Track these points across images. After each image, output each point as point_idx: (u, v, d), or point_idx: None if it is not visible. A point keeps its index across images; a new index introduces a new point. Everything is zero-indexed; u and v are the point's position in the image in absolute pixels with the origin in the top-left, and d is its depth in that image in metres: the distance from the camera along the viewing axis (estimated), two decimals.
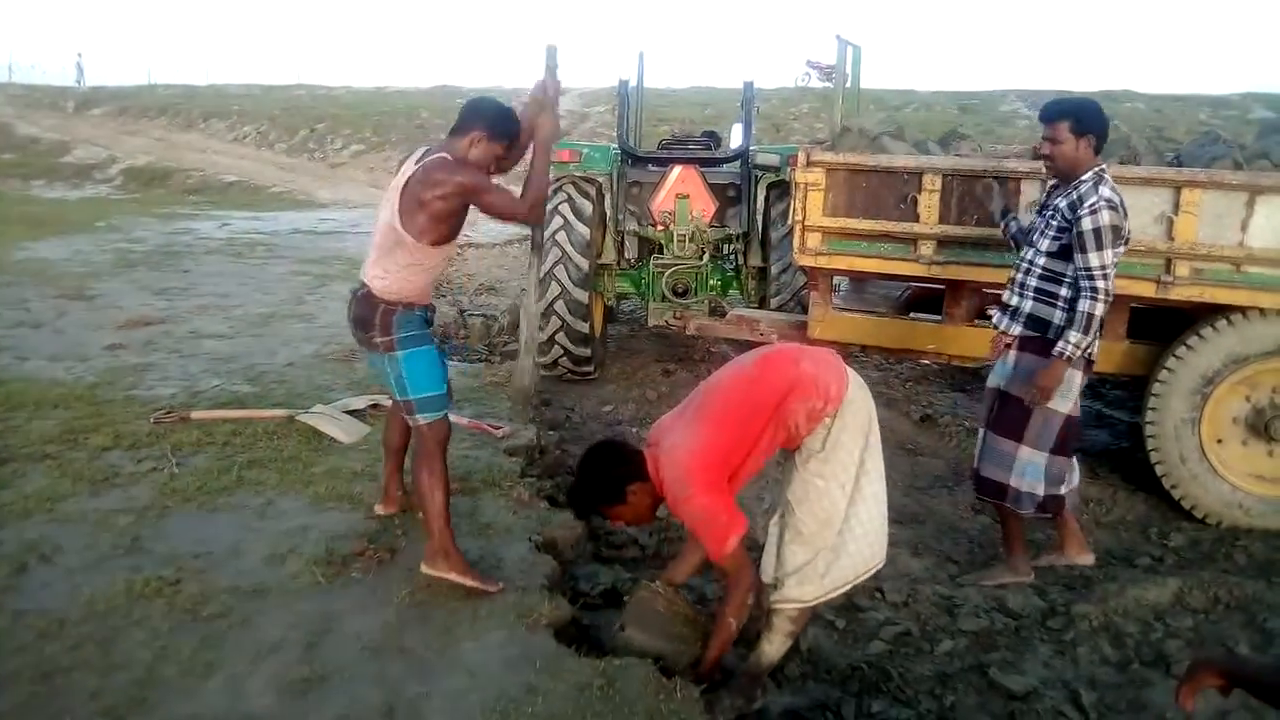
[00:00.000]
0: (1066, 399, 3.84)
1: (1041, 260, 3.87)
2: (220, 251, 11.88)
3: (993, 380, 4.08)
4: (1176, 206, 4.48)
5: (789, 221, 5.64)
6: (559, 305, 6.47)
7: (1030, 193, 4.72)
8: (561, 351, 6.66)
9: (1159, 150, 5.74)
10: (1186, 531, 4.66)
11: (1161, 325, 4.94)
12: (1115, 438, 6.02)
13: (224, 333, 7.30)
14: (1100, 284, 3.65)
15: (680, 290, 6.81)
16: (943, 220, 4.89)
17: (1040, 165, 4.84)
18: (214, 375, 6.02)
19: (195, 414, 5.07)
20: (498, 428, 5.08)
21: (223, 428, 4.92)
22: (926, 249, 4.97)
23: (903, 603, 3.86)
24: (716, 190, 7.04)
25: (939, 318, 5.46)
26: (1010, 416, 3.94)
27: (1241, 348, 4.59)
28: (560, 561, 3.80)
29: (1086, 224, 3.64)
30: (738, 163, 7.20)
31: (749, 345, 4.82)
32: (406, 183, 3.29)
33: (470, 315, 8.98)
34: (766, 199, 6.86)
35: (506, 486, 4.36)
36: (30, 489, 4.12)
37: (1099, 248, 3.63)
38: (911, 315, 5.88)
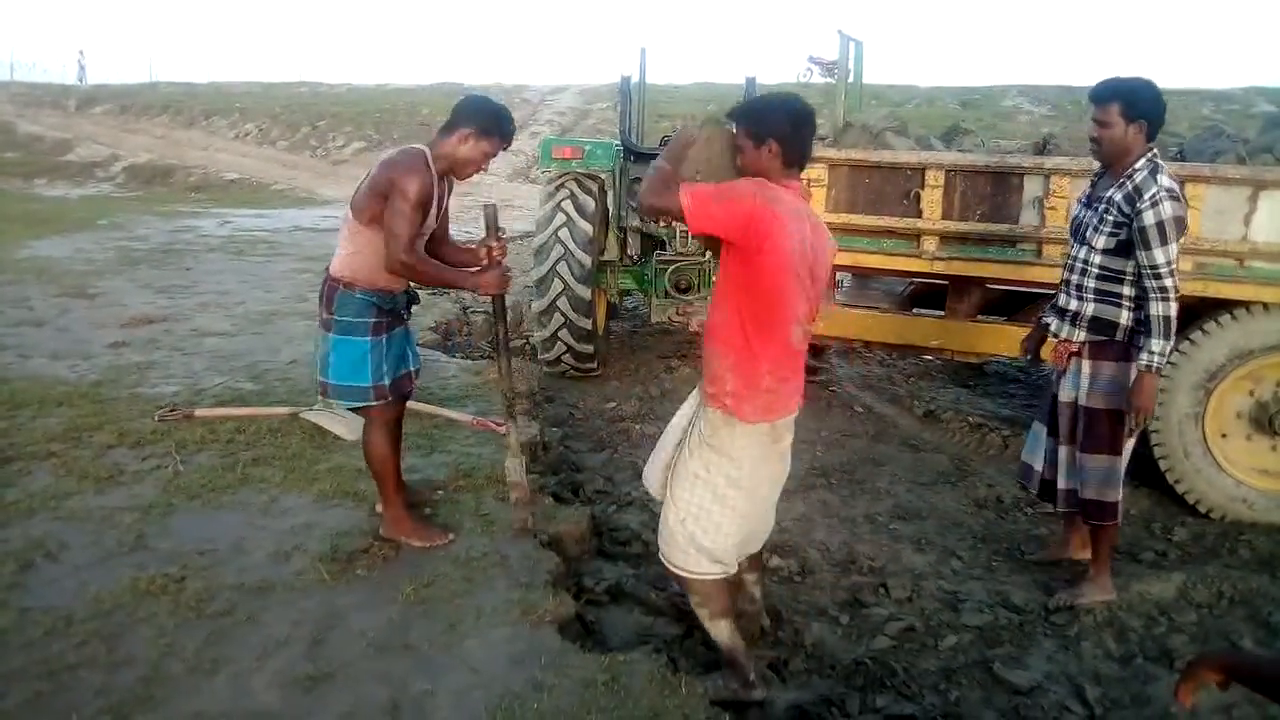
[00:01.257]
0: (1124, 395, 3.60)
1: (1098, 258, 3.57)
2: (222, 249, 11.88)
3: (1066, 394, 3.77)
4: None
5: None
6: (562, 302, 6.47)
7: (1033, 188, 4.71)
8: (565, 348, 6.67)
9: (1162, 144, 5.74)
10: (1190, 526, 4.66)
11: None
12: None
13: (227, 330, 7.31)
14: (1169, 281, 3.39)
15: (683, 286, 6.81)
16: (946, 216, 4.89)
17: (1042, 161, 4.84)
18: (217, 373, 6.02)
19: (199, 412, 5.07)
20: (501, 425, 5.08)
21: (226, 425, 4.92)
22: (929, 244, 4.97)
23: (907, 598, 3.87)
24: None
25: (942, 313, 5.46)
26: (1101, 433, 3.69)
27: (1245, 342, 4.59)
28: (564, 558, 3.81)
29: (1149, 217, 3.35)
30: None
31: None
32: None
33: (473, 313, 8.99)
34: None
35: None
36: (35, 487, 4.13)
37: (1164, 242, 3.35)
38: (914, 311, 5.88)
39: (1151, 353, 3.44)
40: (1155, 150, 3.50)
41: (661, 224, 6.99)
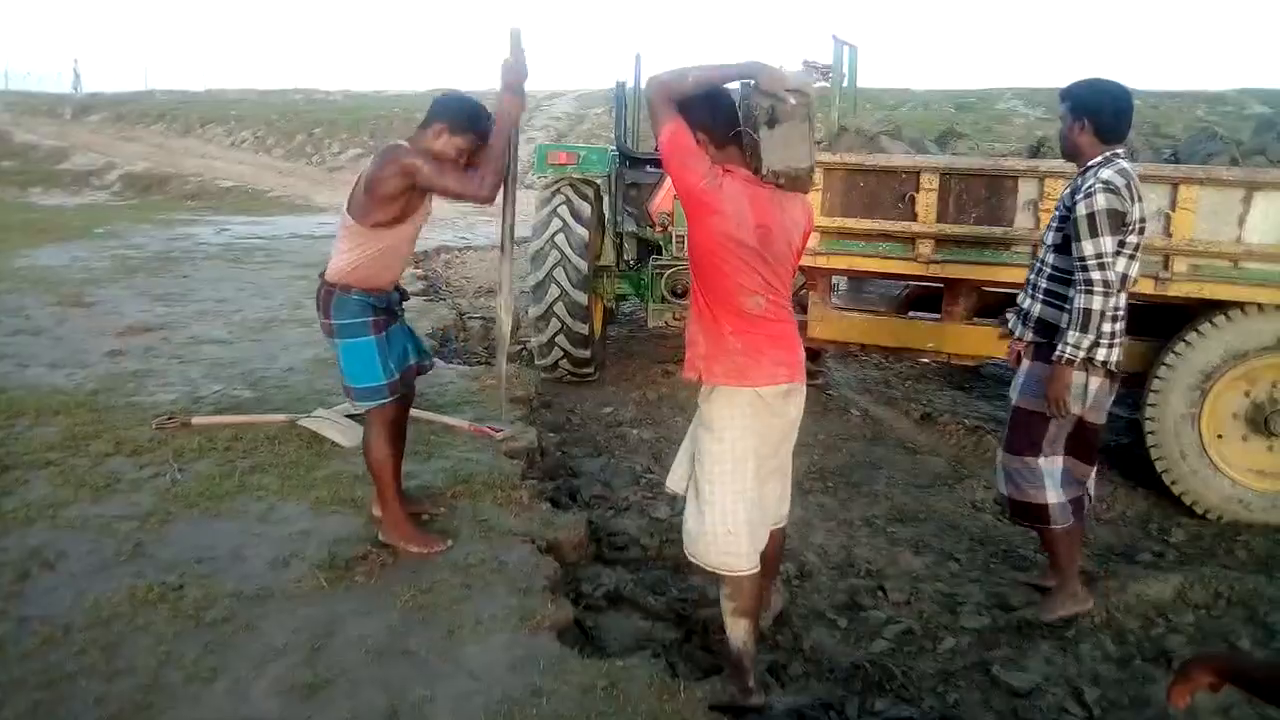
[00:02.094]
0: (1078, 402, 3.50)
1: (1050, 258, 3.55)
2: (219, 257, 11.88)
3: (1011, 394, 3.77)
4: (1174, 203, 4.49)
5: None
6: (558, 307, 6.47)
7: (1028, 191, 4.73)
8: (561, 354, 6.67)
9: (1156, 147, 5.76)
10: (1187, 527, 4.68)
11: (1160, 321, 4.95)
12: (1115, 434, 6.01)
13: (224, 338, 7.31)
14: (1096, 275, 3.30)
15: (679, 291, 6.82)
16: (941, 219, 4.90)
17: (1037, 164, 4.86)
18: (214, 381, 6.02)
19: (196, 420, 5.07)
20: (498, 430, 5.09)
21: (224, 433, 4.92)
22: (925, 248, 4.98)
23: (905, 601, 3.87)
24: None
25: (938, 316, 5.47)
26: (1020, 434, 3.65)
27: (1240, 343, 4.60)
28: (563, 563, 3.81)
29: (1080, 209, 3.32)
30: None
31: None
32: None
33: (469, 318, 9.00)
34: None
35: (508, 489, 4.36)
36: (32, 496, 4.13)
37: (1094, 234, 3.29)
38: (910, 314, 5.89)
39: (1066, 343, 3.38)
40: (1119, 151, 3.43)
41: (657, 229, 7.00)
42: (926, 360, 6.86)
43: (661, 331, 7.49)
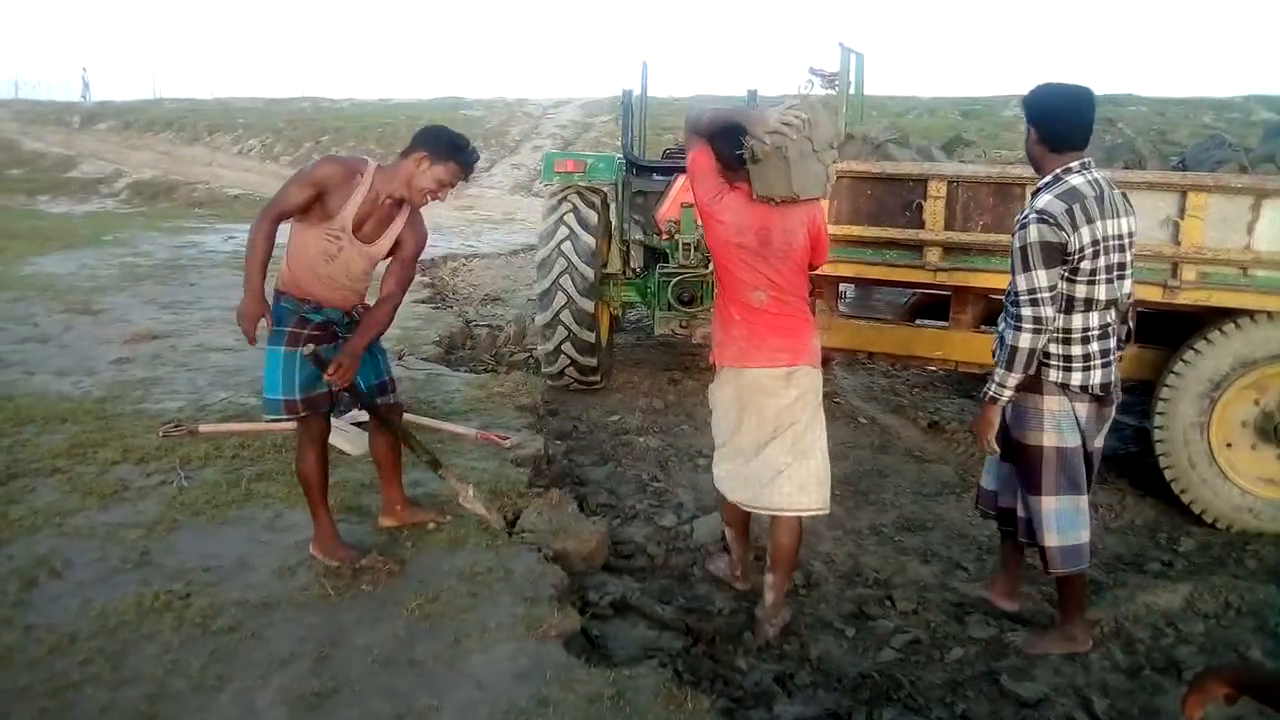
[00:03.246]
0: (1051, 432, 3.32)
1: (1011, 281, 3.36)
2: (226, 265, 11.91)
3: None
4: (1182, 210, 4.47)
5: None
6: (565, 315, 6.47)
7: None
8: (568, 361, 6.67)
9: (1164, 154, 5.75)
10: (1196, 536, 4.65)
11: (1169, 330, 4.93)
12: (1123, 442, 6.00)
13: (231, 346, 7.31)
14: (1026, 311, 3.13)
15: (686, 299, 6.81)
16: (948, 226, 4.89)
17: None
18: (221, 388, 6.03)
19: (203, 427, 5.08)
20: (505, 438, 5.09)
21: (230, 441, 4.93)
22: (932, 255, 4.97)
23: (912, 610, 3.85)
24: None
25: (945, 324, 5.46)
26: (1023, 470, 3.45)
27: (1249, 351, 4.58)
28: (569, 572, 3.80)
29: (1014, 241, 3.18)
30: None
31: None
32: None
33: (476, 326, 9.01)
34: None
35: (515, 496, 4.36)
36: (40, 503, 4.13)
37: (1025, 268, 3.12)
38: (917, 321, 5.88)
39: (991, 381, 3.26)
40: (1072, 165, 3.19)
41: (664, 237, 7.00)
42: (934, 368, 6.86)
43: (668, 339, 7.48)
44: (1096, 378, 3.27)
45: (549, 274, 6.48)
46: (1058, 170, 3.20)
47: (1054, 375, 3.26)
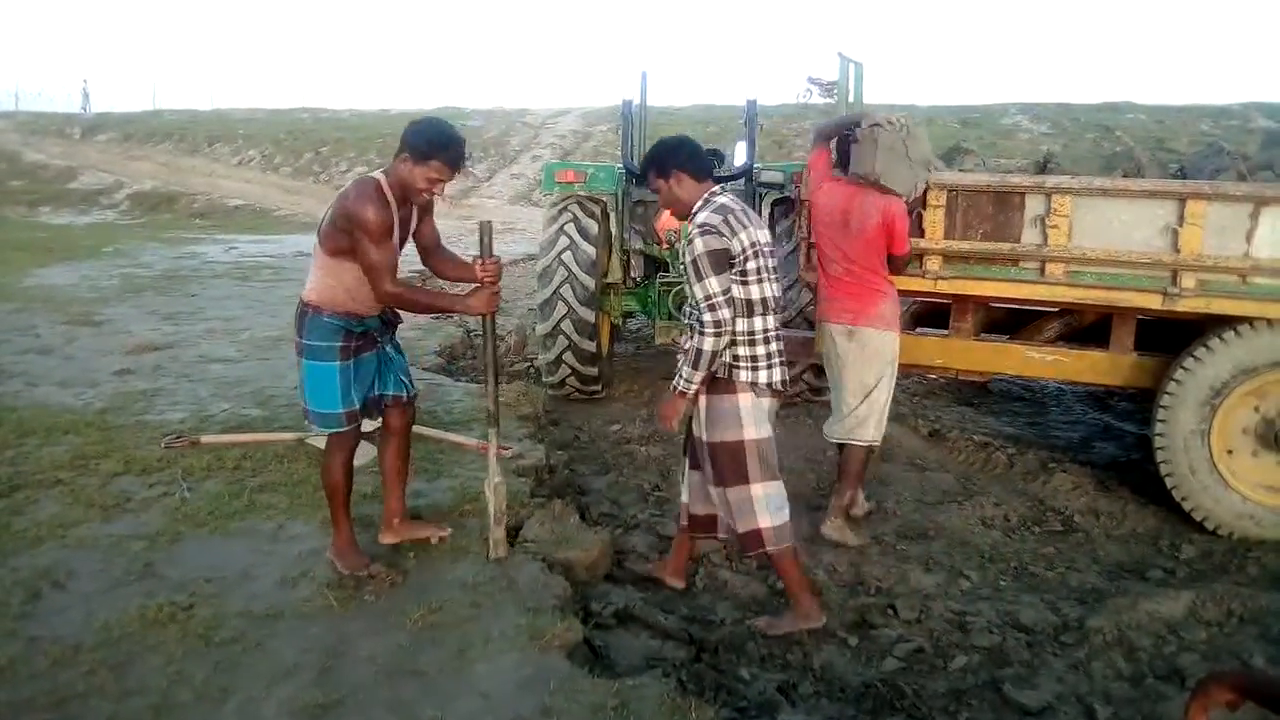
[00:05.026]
0: (750, 427, 3.59)
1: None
2: (227, 275, 11.94)
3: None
4: (1181, 218, 4.48)
5: (794, 239, 5.66)
6: (566, 325, 6.48)
7: (1035, 207, 4.73)
8: (569, 371, 6.68)
9: (1163, 162, 5.77)
10: (1198, 543, 4.65)
11: (1169, 337, 4.94)
12: (1124, 450, 6.01)
13: (232, 356, 7.33)
14: (707, 316, 3.43)
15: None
16: (948, 235, 4.90)
17: (1044, 179, 4.86)
18: (223, 399, 6.04)
19: (205, 438, 5.09)
20: (506, 448, 5.09)
21: (233, 452, 4.93)
22: (932, 264, 4.98)
23: (915, 619, 3.85)
24: None
25: (945, 332, 5.47)
26: (719, 465, 3.68)
27: (1250, 358, 4.59)
28: (573, 582, 3.80)
29: (685, 255, 3.53)
30: (742, 180, 7.22)
31: None
32: None
33: (476, 335, 9.01)
34: (771, 216, 6.88)
35: (517, 507, 4.36)
36: (43, 515, 4.14)
37: (700, 278, 3.44)
38: (918, 330, 5.89)
39: (680, 376, 3.57)
40: (714, 189, 3.62)
41: (664, 246, 7.02)
42: (934, 376, 6.86)
43: (669, 348, 7.48)
44: (777, 375, 3.65)
45: (550, 284, 6.49)
46: (705, 195, 3.60)
47: (745, 376, 3.58)
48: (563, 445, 5.96)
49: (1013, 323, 5.71)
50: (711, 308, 3.43)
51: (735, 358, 3.56)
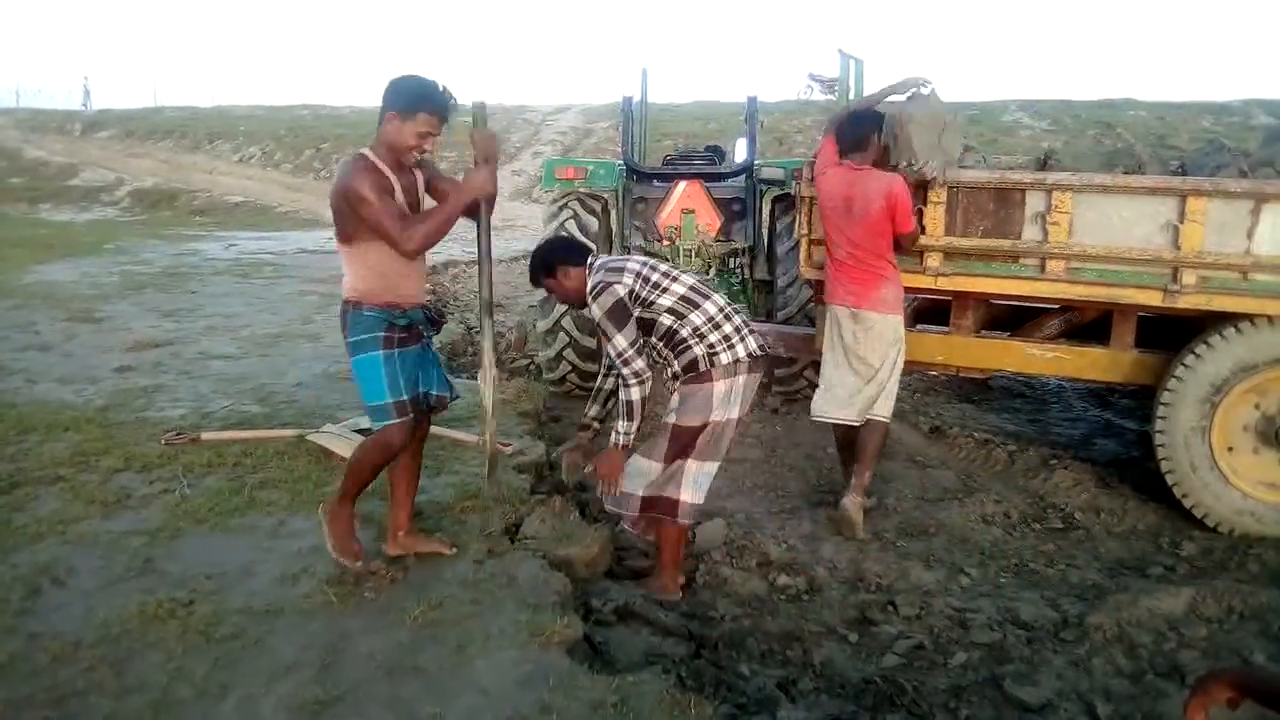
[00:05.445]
0: (735, 406, 3.77)
1: None
2: (228, 272, 11.94)
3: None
4: (1182, 215, 4.48)
5: (794, 236, 5.65)
6: (566, 321, 6.48)
7: (1035, 204, 4.72)
8: (569, 367, 6.67)
9: (1163, 159, 5.75)
10: (1198, 540, 4.64)
11: (1169, 334, 4.93)
12: (1125, 447, 6.00)
13: (232, 353, 7.33)
14: (625, 370, 3.65)
15: None
16: (949, 232, 4.89)
17: (1044, 176, 4.85)
18: (223, 396, 6.04)
19: (205, 435, 5.09)
20: (507, 445, 5.09)
21: (233, 448, 4.93)
22: (933, 261, 4.97)
23: (915, 616, 3.85)
24: (722, 205, 7.06)
25: (946, 329, 5.46)
26: (672, 444, 3.86)
27: (1250, 355, 4.59)
28: (573, 579, 3.80)
29: (593, 316, 3.68)
30: (743, 177, 7.22)
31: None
32: None
33: (478, 333, 9.00)
34: (772, 213, 6.88)
35: (517, 503, 4.36)
36: (43, 512, 4.14)
37: (608, 337, 3.64)
38: (918, 327, 5.88)
39: (618, 431, 3.76)
40: (597, 261, 3.77)
41: (664, 243, 7.01)
42: (935, 373, 6.86)
43: None
44: (752, 342, 3.77)
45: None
46: (594, 266, 3.75)
47: (725, 358, 3.70)
48: (563, 442, 5.94)
49: (1013, 320, 5.70)
50: (626, 362, 3.64)
51: (710, 346, 3.68)
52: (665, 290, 3.68)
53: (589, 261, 3.77)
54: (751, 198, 7.20)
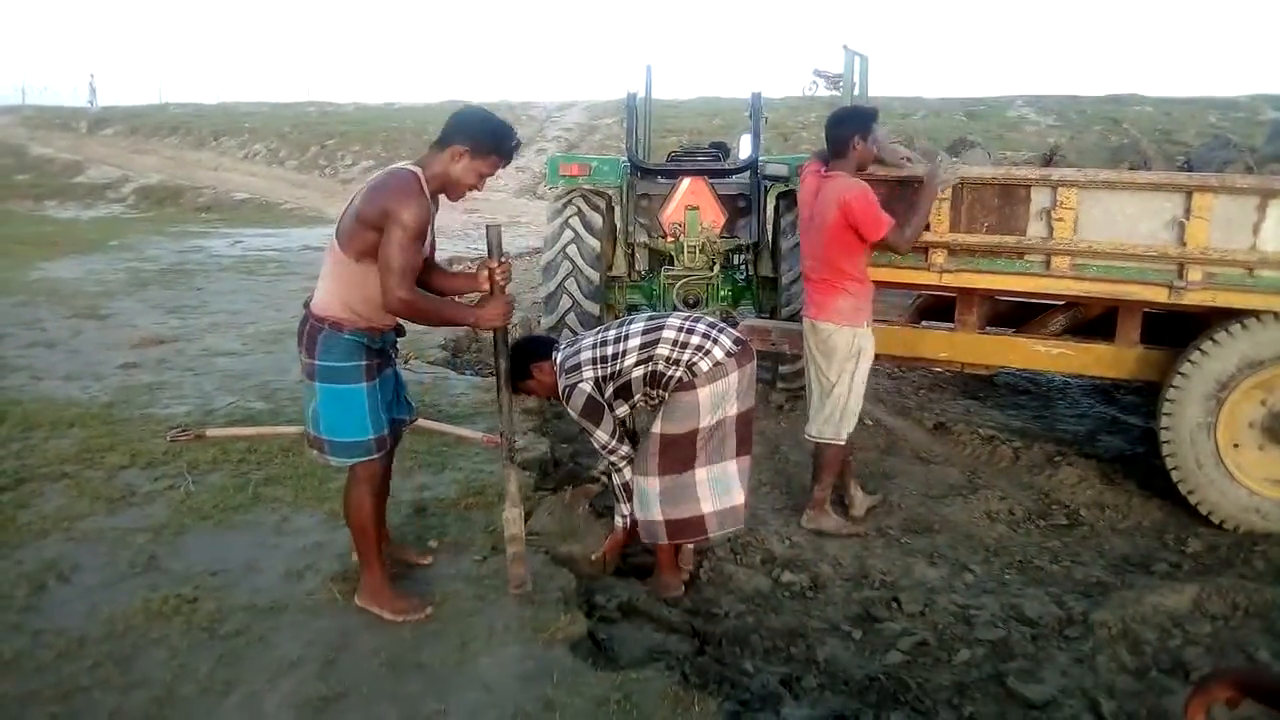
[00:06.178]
0: (695, 418, 3.67)
1: None
2: (232, 269, 11.95)
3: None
4: (1188, 211, 4.46)
5: (799, 232, 5.64)
6: (570, 318, 6.48)
7: (1040, 200, 4.71)
8: None
9: (1169, 154, 5.73)
10: (1204, 537, 4.63)
11: (1175, 330, 4.92)
12: (1130, 443, 5.99)
13: (237, 350, 7.34)
14: (612, 458, 3.78)
15: (691, 301, 6.82)
16: (954, 228, 4.88)
17: (1049, 172, 4.83)
18: (228, 392, 6.05)
19: (210, 432, 5.10)
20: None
21: (238, 445, 4.94)
22: (937, 257, 4.96)
23: (919, 612, 3.85)
24: (726, 201, 7.05)
25: (951, 325, 5.45)
26: (664, 456, 3.82)
27: (1256, 352, 4.57)
28: (576, 575, 3.80)
29: (571, 414, 3.69)
30: (747, 173, 7.20)
31: (760, 355, 4.82)
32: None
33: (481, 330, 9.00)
34: (776, 209, 6.86)
35: (522, 499, 4.35)
36: (48, 508, 4.15)
37: (590, 433, 3.72)
38: (923, 323, 5.87)
39: (619, 514, 3.95)
40: (551, 361, 3.74)
41: (668, 239, 7.01)
42: (940, 369, 6.85)
43: None
44: (726, 341, 3.70)
45: (554, 277, 6.49)
46: (555, 368, 3.72)
47: (705, 365, 3.63)
48: (567, 439, 5.95)
49: (1018, 316, 5.69)
50: (611, 451, 3.75)
51: (688, 363, 3.63)
52: (624, 354, 3.65)
53: (555, 355, 3.74)
54: (756, 194, 7.19)
